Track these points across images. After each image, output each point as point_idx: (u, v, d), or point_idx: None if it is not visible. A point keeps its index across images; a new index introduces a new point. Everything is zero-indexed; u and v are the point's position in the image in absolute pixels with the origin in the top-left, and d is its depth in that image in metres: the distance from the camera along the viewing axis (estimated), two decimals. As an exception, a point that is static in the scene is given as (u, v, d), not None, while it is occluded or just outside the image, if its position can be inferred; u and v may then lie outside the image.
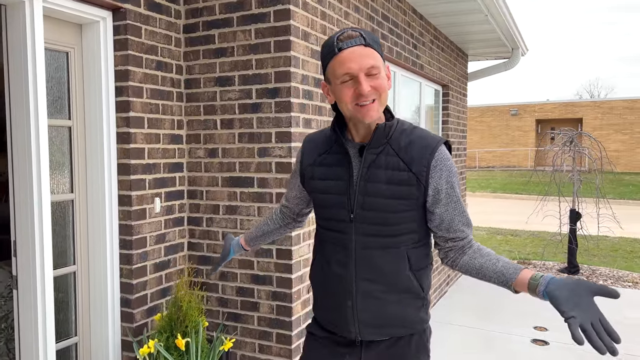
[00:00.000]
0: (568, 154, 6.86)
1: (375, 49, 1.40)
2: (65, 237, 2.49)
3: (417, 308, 1.53)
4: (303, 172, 1.60)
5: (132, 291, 2.54)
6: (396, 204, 1.43)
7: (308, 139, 1.63)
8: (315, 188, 1.56)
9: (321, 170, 1.54)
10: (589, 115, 25.12)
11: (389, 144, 1.46)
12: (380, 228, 1.45)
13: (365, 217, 1.45)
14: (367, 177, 1.45)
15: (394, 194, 1.43)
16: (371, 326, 1.50)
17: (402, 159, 1.44)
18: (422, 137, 1.47)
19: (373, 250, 1.46)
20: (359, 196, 1.45)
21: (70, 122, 2.47)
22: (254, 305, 2.71)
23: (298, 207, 1.76)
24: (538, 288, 1.32)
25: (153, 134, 2.62)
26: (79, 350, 2.56)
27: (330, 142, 1.55)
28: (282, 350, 2.64)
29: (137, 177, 2.54)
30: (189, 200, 2.86)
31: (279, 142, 2.60)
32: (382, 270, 1.47)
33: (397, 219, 1.44)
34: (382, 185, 1.44)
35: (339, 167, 1.50)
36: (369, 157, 1.45)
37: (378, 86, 1.38)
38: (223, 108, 2.72)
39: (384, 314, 1.49)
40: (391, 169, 1.44)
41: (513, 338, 4.28)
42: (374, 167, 1.45)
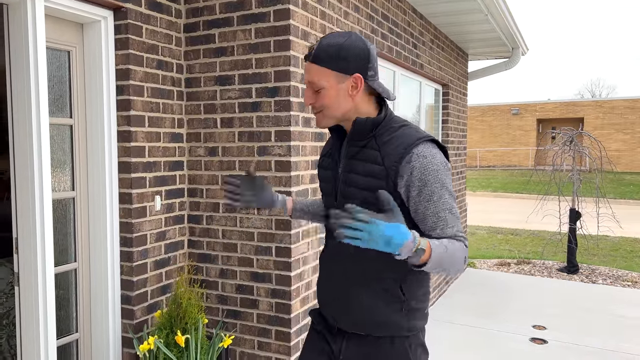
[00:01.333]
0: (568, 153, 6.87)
1: (324, 65, 1.46)
2: (67, 235, 2.52)
3: (394, 310, 1.50)
4: (318, 163, 1.77)
5: (133, 288, 2.56)
6: (367, 195, 1.47)
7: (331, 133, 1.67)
8: (318, 177, 1.72)
9: (325, 161, 1.68)
10: (590, 115, 25.10)
11: (374, 138, 1.50)
12: None
13: (344, 204, 1.45)
14: (349, 168, 1.53)
15: (368, 185, 1.47)
16: (342, 314, 1.55)
17: (380, 154, 1.48)
18: (406, 134, 1.47)
19: None
20: (342, 185, 1.55)
21: (72, 120, 2.49)
22: (254, 303, 2.73)
23: None
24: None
25: (154, 132, 2.64)
26: (79, 346, 2.58)
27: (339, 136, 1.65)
28: (281, 347, 2.66)
29: (137, 175, 2.56)
30: (189, 198, 2.88)
31: (279, 141, 2.62)
32: (355, 259, 1.51)
33: (371, 210, 1.42)
34: (359, 176, 1.50)
35: (332, 157, 1.62)
36: (351, 150, 1.53)
37: (318, 102, 1.50)
38: (223, 107, 2.74)
39: (351, 304, 1.52)
40: (369, 162, 1.49)
41: (512, 337, 4.29)
42: (355, 159, 1.52)
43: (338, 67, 1.46)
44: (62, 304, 2.53)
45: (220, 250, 2.81)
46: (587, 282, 6.17)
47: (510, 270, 6.75)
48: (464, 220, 6.56)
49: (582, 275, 6.50)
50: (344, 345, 1.56)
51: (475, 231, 10.16)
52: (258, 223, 2.70)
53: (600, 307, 5.17)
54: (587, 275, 6.47)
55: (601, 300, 5.38)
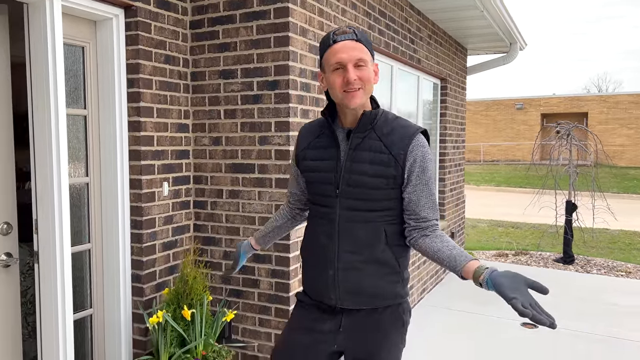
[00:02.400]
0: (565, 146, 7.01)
1: (365, 45, 1.62)
2: (81, 218, 2.71)
3: (393, 282, 1.70)
4: (298, 155, 1.80)
5: (142, 268, 2.76)
6: (377, 182, 1.63)
7: (303, 127, 1.85)
8: (308, 167, 1.76)
9: (313, 152, 1.75)
10: (594, 110, 25.10)
11: (373, 130, 1.66)
12: (362, 203, 1.64)
13: (350, 192, 1.65)
14: (352, 157, 1.65)
15: (376, 173, 1.63)
16: (350, 294, 1.68)
17: (384, 143, 1.64)
18: (403, 125, 1.68)
19: (355, 223, 1.65)
20: (345, 174, 1.65)
21: (86, 111, 2.68)
22: (255, 282, 2.92)
23: (304, 194, 1.90)
24: (482, 277, 1.46)
25: (162, 122, 2.83)
26: (93, 320, 2.78)
27: (322, 128, 1.76)
28: (281, 323, 2.85)
29: (147, 162, 2.74)
30: (195, 185, 3.07)
31: (278, 131, 2.80)
32: (362, 242, 1.65)
33: (378, 195, 1.64)
34: (366, 165, 1.63)
35: (329, 148, 1.70)
36: (355, 140, 1.66)
37: (363, 76, 1.60)
38: (226, 99, 2.92)
39: (361, 284, 1.67)
40: (374, 151, 1.64)
41: (504, 322, 4.47)
42: (359, 149, 1.65)
43: (370, 51, 1.65)
44: (76, 281, 2.73)
45: (224, 233, 3.00)
46: (581, 272, 6.33)
47: (507, 261, 6.91)
48: (462, 212, 6.73)
49: (578, 265, 6.65)
50: (343, 320, 1.72)
51: (477, 224, 10.32)
52: (259, 208, 2.88)
53: (592, 295, 5.33)
54: (582, 266, 6.63)
55: (594, 289, 5.54)
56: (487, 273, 1.46)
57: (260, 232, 2.02)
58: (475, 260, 1.54)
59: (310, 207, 1.81)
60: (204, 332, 2.58)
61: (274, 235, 2.02)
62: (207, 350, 2.58)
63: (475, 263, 1.52)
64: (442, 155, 5.84)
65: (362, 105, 1.64)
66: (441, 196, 5.89)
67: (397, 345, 1.72)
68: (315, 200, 1.75)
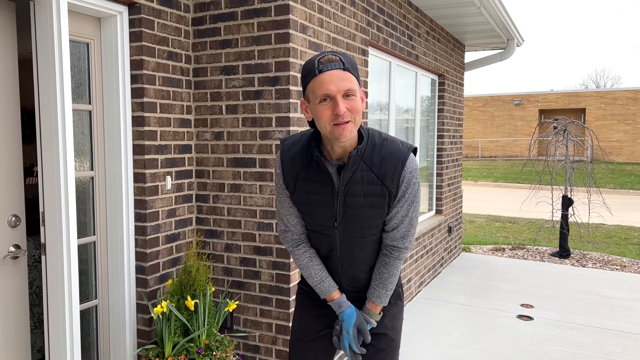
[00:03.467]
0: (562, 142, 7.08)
1: (353, 73, 1.53)
2: (86, 211, 2.77)
3: None
4: (287, 185, 1.73)
5: (146, 259, 2.82)
6: (371, 211, 1.69)
7: (285, 155, 1.73)
8: (300, 200, 1.71)
9: (304, 185, 1.69)
10: (592, 106, 25.18)
11: (362, 161, 1.65)
12: (359, 231, 1.73)
13: (347, 223, 1.71)
14: (346, 192, 1.66)
15: (370, 204, 1.67)
16: (352, 293, 1.87)
17: (375, 174, 1.64)
18: (392, 152, 1.64)
19: (353, 246, 1.76)
20: (341, 208, 1.68)
21: (91, 106, 2.74)
22: (256, 274, 2.98)
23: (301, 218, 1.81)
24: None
25: (165, 118, 2.89)
26: (98, 311, 2.85)
27: (309, 158, 1.68)
28: (281, 314, 2.92)
29: (150, 156, 2.81)
30: (197, 179, 3.13)
31: (279, 126, 2.86)
32: (360, 258, 1.80)
33: (372, 222, 1.71)
34: (360, 198, 1.66)
35: (321, 184, 1.67)
36: (347, 175, 1.64)
37: (353, 108, 1.52)
38: (228, 95, 2.98)
39: (362, 285, 1.86)
40: (367, 183, 1.65)
41: (500, 314, 4.55)
42: (351, 183, 1.65)
43: (357, 77, 1.57)
44: (82, 273, 2.79)
45: (226, 226, 3.06)
46: (577, 266, 6.41)
47: (504, 255, 6.99)
48: (459, 206, 6.80)
49: (573, 259, 6.74)
50: None
51: (474, 219, 10.40)
52: (260, 201, 2.95)
53: (587, 288, 5.42)
54: (577, 260, 6.71)
55: (588, 283, 5.62)
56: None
57: (329, 281, 1.83)
58: (375, 305, 1.82)
59: (309, 230, 1.82)
60: (207, 322, 2.65)
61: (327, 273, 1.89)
62: (210, 340, 2.65)
63: (374, 306, 1.82)
64: (440, 150, 5.91)
65: (352, 137, 1.57)
66: (438, 191, 5.96)
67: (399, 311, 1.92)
68: (314, 229, 1.78)
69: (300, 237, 1.83)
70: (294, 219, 1.79)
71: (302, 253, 1.83)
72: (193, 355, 2.57)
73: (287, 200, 1.77)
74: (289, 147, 1.74)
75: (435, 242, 5.63)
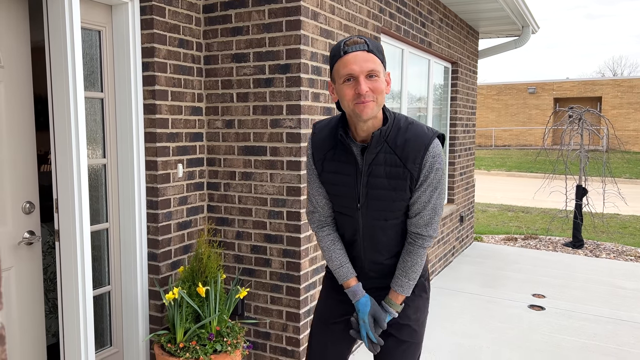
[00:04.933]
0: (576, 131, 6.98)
1: (377, 55, 1.59)
2: (99, 198, 2.80)
3: None
4: (316, 165, 1.79)
5: (158, 246, 2.85)
6: (394, 194, 1.69)
7: (315, 137, 1.80)
8: (327, 180, 1.77)
9: (332, 165, 1.75)
10: (608, 94, 24.76)
11: (386, 143, 1.67)
12: (382, 213, 1.73)
13: (369, 205, 1.73)
14: (369, 172, 1.69)
15: (392, 186, 1.68)
16: (375, 279, 1.87)
17: (398, 156, 1.66)
18: (416, 135, 1.67)
19: (375, 229, 1.77)
20: (363, 188, 1.71)
21: (102, 94, 2.75)
22: (267, 262, 3.00)
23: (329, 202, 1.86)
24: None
25: (176, 105, 2.89)
26: (111, 297, 2.89)
27: (336, 139, 1.74)
28: (292, 301, 2.94)
29: (162, 144, 2.82)
30: (208, 167, 3.14)
31: (290, 114, 2.85)
32: (382, 242, 1.78)
33: (394, 205, 1.71)
34: (382, 179, 1.68)
35: (346, 163, 1.72)
36: (370, 156, 1.67)
37: (375, 88, 1.57)
38: (239, 83, 2.98)
39: (385, 272, 1.85)
40: (389, 165, 1.67)
41: (511, 303, 4.53)
42: (374, 164, 1.68)
43: (383, 61, 1.62)
44: (95, 259, 2.83)
45: (237, 214, 3.08)
46: (590, 256, 6.35)
47: (516, 245, 6.95)
48: (471, 195, 6.76)
49: (587, 250, 6.67)
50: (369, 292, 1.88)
51: (487, 209, 10.34)
52: (271, 190, 2.96)
53: (600, 278, 5.37)
54: (591, 250, 6.65)
55: (602, 273, 5.57)
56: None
57: (347, 267, 1.85)
58: (398, 295, 1.80)
59: (335, 212, 1.86)
60: (218, 309, 2.67)
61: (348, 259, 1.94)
62: (221, 326, 2.68)
63: (397, 296, 1.80)
64: (452, 139, 5.86)
65: (374, 116, 1.61)
66: (450, 180, 5.92)
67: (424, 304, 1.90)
68: (338, 209, 1.82)
69: (326, 220, 1.87)
70: (322, 199, 1.83)
71: (326, 235, 1.86)
72: (204, 341, 2.60)
73: (316, 181, 1.82)
74: (320, 129, 1.80)
75: (447, 231, 5.61)
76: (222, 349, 2.58)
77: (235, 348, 2.63)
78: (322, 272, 3.14)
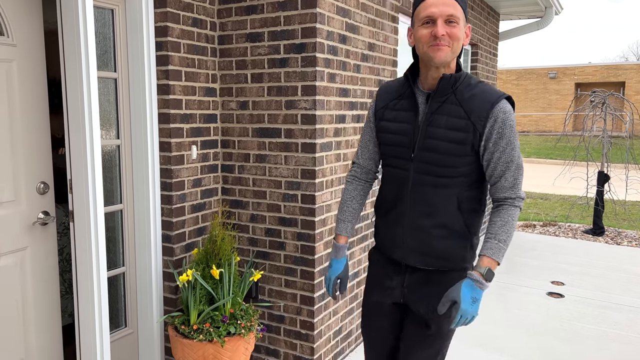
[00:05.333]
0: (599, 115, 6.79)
1: (460, 4, 1.60)
2: (113, 179, 2.79)
3: (462, 247, 1.72)
4: (376, 114, 1.81)
5: (172, 228, 2.83)
6: (452, 148, 1.62)
7: (382, 86, 1.84)
8: (384, 128, 1.77)
9: (392, 113, 1.75)
10: (632, 79, 24.13)
11: (453, 94, 1.63)
12: (436, 168, 1.64)
13: (424, 157, 1.65)
14: (430, 121, 1.64)
15: (452, 138, 1.61)
16: (415, 253, 1.74)
17: (463, 109, 1.61)
18: (485, 91, 1.63)
19: (427, 187, 1.67)
20: (421, 138, 1.65)
21: (116, 74, 2.72)
22: (281, 245, 2.97)
23: (378, 157, 1.90)
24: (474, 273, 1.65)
25: (190, 86, 2.85)
26: (126, 278, 2.89)
27: (403, 90, 1.74)
28: (306, 285, 2.91)
29: (176, 125, 2.79)
30: (222, 149, 3.11)
31: (305, 95, 2.79)
32: (432, 206, 1.67)
33: (452, 161, 1.63)
34: (442, 130, 1.62)
35: (407, 111, 1.70)
36: (434, 105, 1.64)
37: (453, 34, 1.57)
38: (253, 63, 2.92)
39: (427, 246, 1.71)
40: (452, 116, 1.62)
41: (530, 290, 4.46)
42: (437, 113, 1.63)
43: (465, 11, 1.63)
44: (110, 240, 2.83)
45: (251, 197, 3.04)
46: (611, 244, 6.22)
47: (535, 232, 6.84)
48: (490, 181, 6.65)
49: (608, 237, 6.54)
50: (407, 276, 1.79)
51: (504, 195, 10.18)
52: (285, 172, 2.91)
53: (621, 266, 5.25)
54: (612, 238, 6.51)
55: (623, 261, 5.45)
56: (472, 274, 1.64)
57: (347, 225, 1.93)
58: (485, 258, 1.64)
59: (384, 170, 1.83)
60: (232, 291, 2.65)
61: (357, 221, 2.00)
62: (234, 309, 2.66)
63: (483, 259, 1.64)
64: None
65: (446, 63, 1.59)
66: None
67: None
68: (389, 162, 1.77)
69: (361, 175, 1.95)
70: (366, 153, 1.90)
71: (353, 189, 1.94)
72: (218, 323, 2.58)
73: (369, 134, 1.86)
74: (387, 83, 1.85)
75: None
76: (235, 331, 2.56)
77: (249, 331, 2.62)
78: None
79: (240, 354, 2.60)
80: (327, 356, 3.10)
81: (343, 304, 3.23)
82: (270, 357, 3.09)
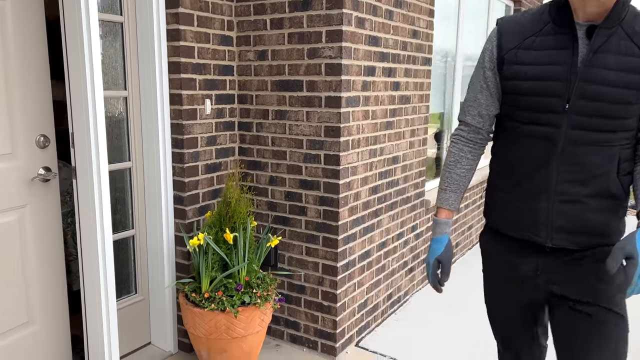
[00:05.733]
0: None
1: None
2: (120, 135, 2.57)
3: (619, 218, 1.42)
4: (503, 58, 1.43)
5: (184, 189, 2.61)
6: (625, 94, 1.29)
7: (507, 20, 1.46)
8: (519, 74, 1.40)
9: (530, 54, 1.38)
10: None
11: (620, 26, 1.31)
12: (599, 121, 1.32)
13: (585, 107, 1.32)
14: (593, 62, 1.31)
15: (625, 83, 1.29)
16: (565, 232, 1.40)
17: (636, 44, 1.29)
18: None
19: (585, 146, 1.34)
20: (580, 83, 1.31)
21: (122, 17, 2.47)
22: (302, 210, 2.72)
23: (493, 113, 1.53)
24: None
25: (202, 32, 2.58)
26: (135, 242, 2.69)
27: (542, 23, 1.39)
28: (329, 253, 2.66)
29: (187, 76, 2.53)
30: (239, 105, 2.84)
31: (330, 42, 2.49)
32: (592, 170, 1.35)
33: (621, 111, 1.31)
34: (610, 72, 1.30)
35: (557, 49, 1.35)
36: (599, 40, 1.31)
37: None
38: (272, 7, 2.63)
39: (582, 220, 1.39)
40: (623, 54, 1.30)
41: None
42: (601, 51, 1.31)
43: None
44: (118, 201, 2.63)
45: (270, 157, 2.79)
46: None
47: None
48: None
49: None
50: (544, 260, 1.46)
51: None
52: (307, 130, 2.64)
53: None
54: None
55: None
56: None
57: (448, 196, 1.58)
58: None
59: (513, 126, 1.45)
60: (247, 258, 2.43)
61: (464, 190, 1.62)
62: (250, 277, 2.44)
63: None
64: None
65: None
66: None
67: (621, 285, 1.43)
68: (527, 117, 1.41)
69: (469, 135, 1.56)
70: (476, 108, 1.52)
71: (457, 151, 1.58)
72: (231, 292, 2.37)
73: (482, 84, 1.49)
74: (511, 17, 1.46)
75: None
76: (251, 301, 2.34)
77: (266, 301, 2.39)
78: (364, 223, 2.84)
79: (256, 325, 2.38)
80: (351, 330, 2.87)
81: (369, 275, 2.97)
82: (289, 329, 2.88)
